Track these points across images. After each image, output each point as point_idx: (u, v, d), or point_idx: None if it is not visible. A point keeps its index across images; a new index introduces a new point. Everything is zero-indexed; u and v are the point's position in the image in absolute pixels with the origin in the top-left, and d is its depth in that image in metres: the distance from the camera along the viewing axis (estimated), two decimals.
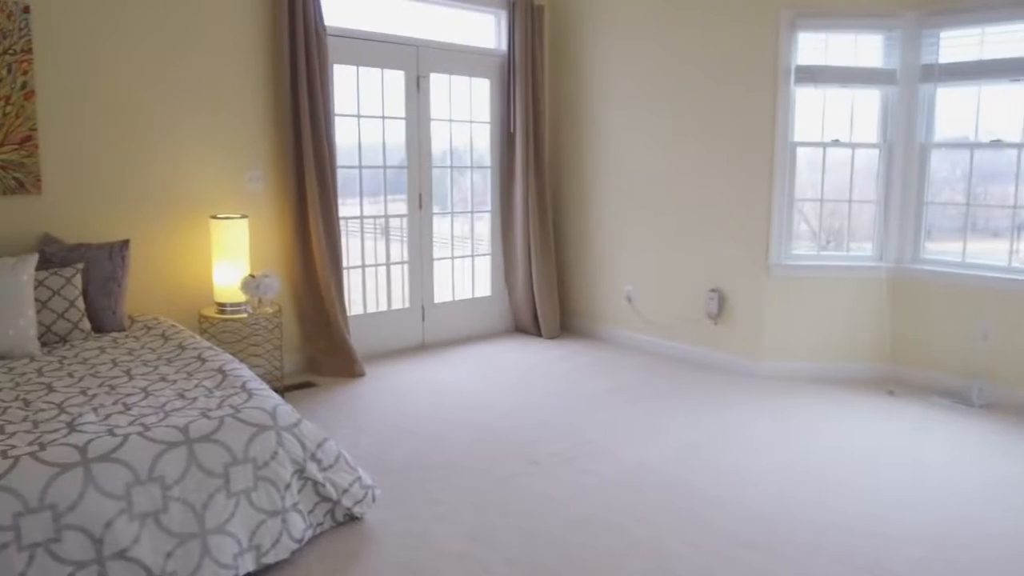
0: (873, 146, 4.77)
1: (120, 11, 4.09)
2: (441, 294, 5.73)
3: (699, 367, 5.06)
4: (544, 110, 5.76)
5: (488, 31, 5.76)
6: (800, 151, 4.78)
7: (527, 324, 5.94)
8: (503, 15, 5.64)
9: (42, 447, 2.28)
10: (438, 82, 5.46)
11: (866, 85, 4.70)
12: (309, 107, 4.59)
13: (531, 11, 5.56)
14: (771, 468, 3.42)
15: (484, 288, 5.99)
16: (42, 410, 2.64)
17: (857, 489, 3.20)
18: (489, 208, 5.92)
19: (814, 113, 4.79)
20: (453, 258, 5.84)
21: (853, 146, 4.79)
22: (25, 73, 3.85)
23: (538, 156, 5.71)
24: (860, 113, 4.78)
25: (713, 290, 5.03)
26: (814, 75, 4.67)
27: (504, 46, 5.67)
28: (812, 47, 4.69)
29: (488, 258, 5.99)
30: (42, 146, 3.93)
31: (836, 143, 4.79)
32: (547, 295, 5.82)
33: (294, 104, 4.58)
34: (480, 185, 5.90)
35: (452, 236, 5.81)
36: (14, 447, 2.28)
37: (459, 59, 5.52)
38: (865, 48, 4.72)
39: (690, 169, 5.10)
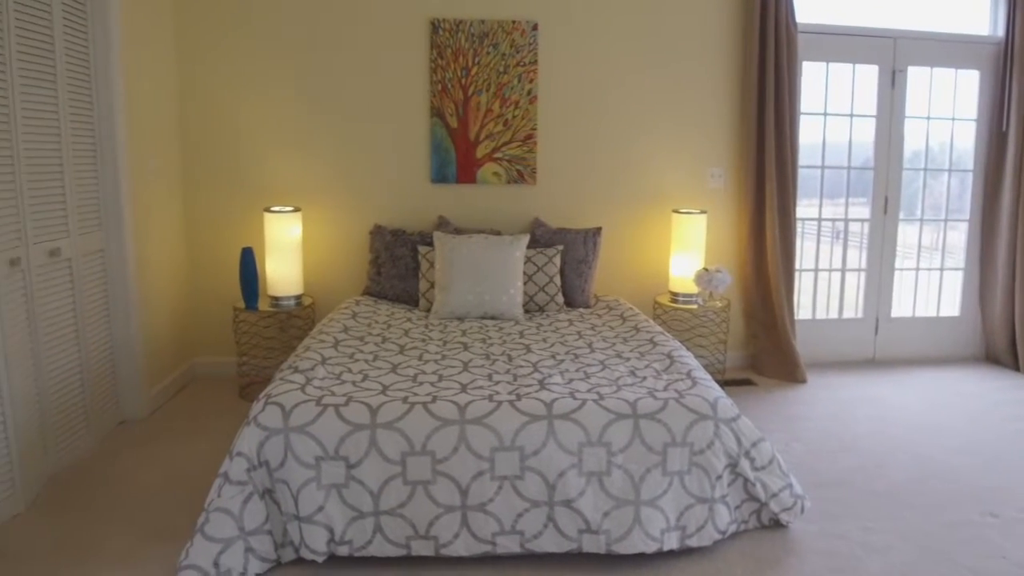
0: None
1: (610, 23, 4.55)
2: (900, 308, 5.27)
3: None
4: None
5: (982, 16, 5.06)
6: None
7: (1001, 353, 5.15)
8: None
9: (518, 398, 2.70)
10: (915, 76, 4.98)
11: None
12: (775, 106, 4.58)
13: None
14: None
15: (951, 307, 5.35)
16: (521, 366, 3.13)
17: None
18: (967, 216, 5.24)
19: None
20: (918, 270, 5.32)
21: None
22: (531, 81, 4.51)
23: None
24: None
25: None
26: None
27: (1001, 32, 4.93)
28: None
29: (960, 273, 5.32)
30: (539, 144, 4.59)
31: None
32: None
33: (759, 104, 4.60)
34: (957, 190, 5.26)
35: (919, 245, 5.29)
36: (497, 393, 2.76)
37: (942, 49, 4.96)
38: None
39: None
